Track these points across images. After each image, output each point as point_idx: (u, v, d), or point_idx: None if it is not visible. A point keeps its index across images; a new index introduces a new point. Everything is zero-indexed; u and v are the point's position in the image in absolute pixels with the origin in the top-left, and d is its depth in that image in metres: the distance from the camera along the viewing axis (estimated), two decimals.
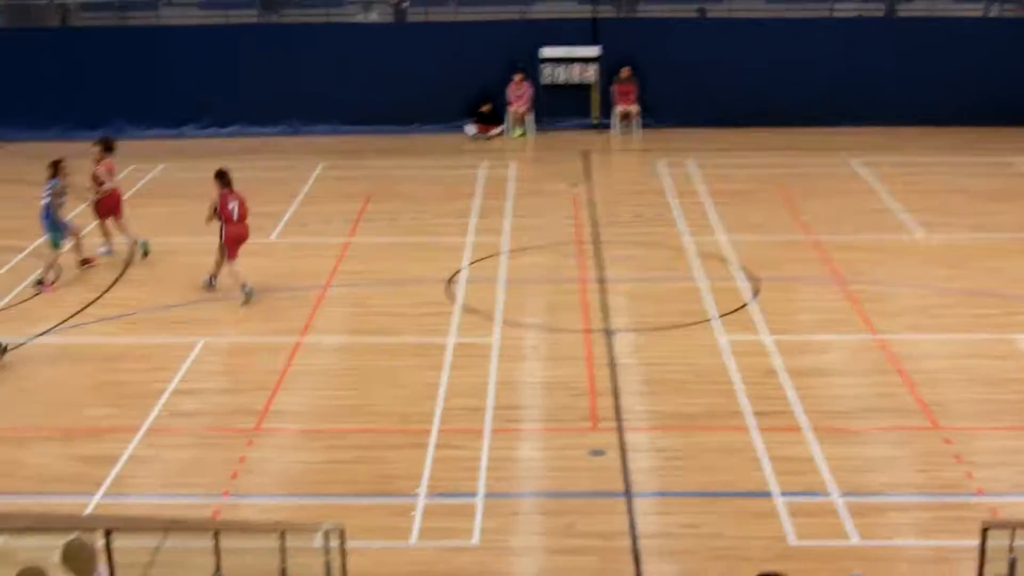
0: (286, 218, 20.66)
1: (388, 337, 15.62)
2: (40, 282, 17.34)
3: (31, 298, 17.04)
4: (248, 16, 28.36)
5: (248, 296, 16.72)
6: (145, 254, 18.70)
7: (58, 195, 17.38)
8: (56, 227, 17.39)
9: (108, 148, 18.96)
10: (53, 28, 29.37)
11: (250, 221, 17.23)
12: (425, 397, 13.77)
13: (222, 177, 17.17)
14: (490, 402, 13.58)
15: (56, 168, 17.50)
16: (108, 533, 4.94)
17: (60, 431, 13.16)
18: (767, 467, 12.09)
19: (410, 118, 26.79)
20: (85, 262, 18.18)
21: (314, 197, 22.04)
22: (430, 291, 17.11)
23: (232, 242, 16.98)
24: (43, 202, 17.35)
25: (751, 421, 13.07)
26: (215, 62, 26.85)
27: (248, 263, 18.11)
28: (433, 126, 26.84)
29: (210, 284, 17.20)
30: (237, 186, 17.25)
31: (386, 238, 19.60)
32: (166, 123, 26.77)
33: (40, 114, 26.22)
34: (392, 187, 22.59)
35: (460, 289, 17.17)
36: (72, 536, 7.03)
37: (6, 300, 16.99)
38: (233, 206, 17.01)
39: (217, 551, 8.11)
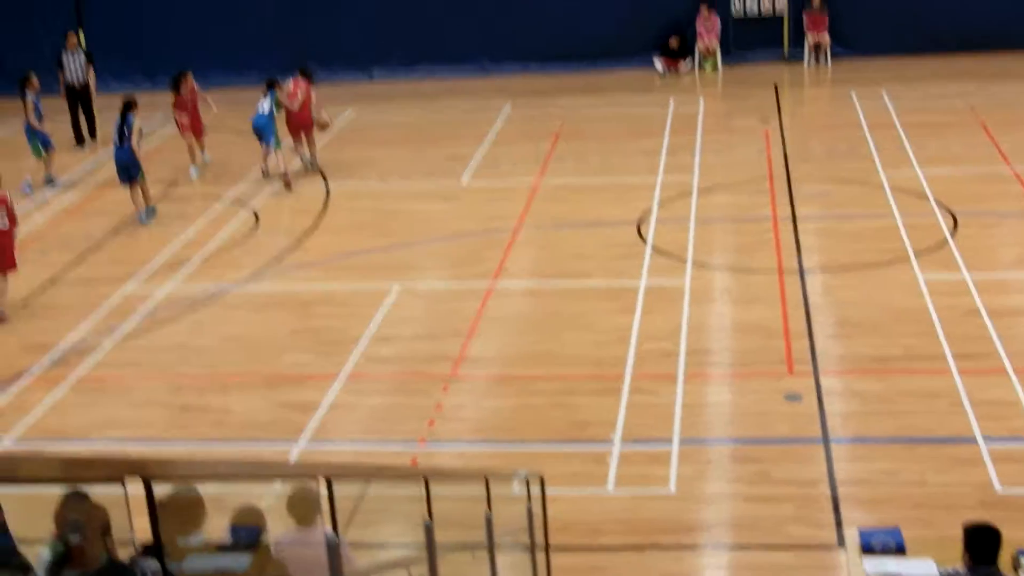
0: (476, 160, 20.78)
1: (579, 280, 15.64)
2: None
3: (232, 246, 17.53)
4: None
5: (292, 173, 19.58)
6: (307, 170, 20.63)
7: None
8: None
9: (306, 75, 20.70)
10: None
11: (440, 165, 17.46)
12: (617, 341, 13.75)
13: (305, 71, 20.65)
14: (683, 346, 13.50)
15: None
16: (329, 481, 5.06)
17: (262, 378, 13.55)
18: (969, 411, 11.76)
19: (597, 55, 26.61)
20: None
21: (503, 138, 22.12)
22: (620, 232, 17.05)
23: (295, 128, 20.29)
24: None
25: (952, 364, 12.72)
26: (402, 2, 27.03)
27: (440, 207, 18.39)
28: (621, 62, 26.60)
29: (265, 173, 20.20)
30: (429, 129, 17.38)
31: (575, 178, 19.58)
32: (355, 65, 27.12)
33: (237, 59, 26.76)
34: (580, 126, 22.53)
35: (650, 229, 17.08)
36: (296, 484, 7.22)
37: (210, 248, 17.51)
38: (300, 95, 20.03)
39: (428, 499, 8.23)
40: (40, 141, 20.77)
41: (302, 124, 20.46)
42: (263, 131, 20.08)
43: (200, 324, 15.04)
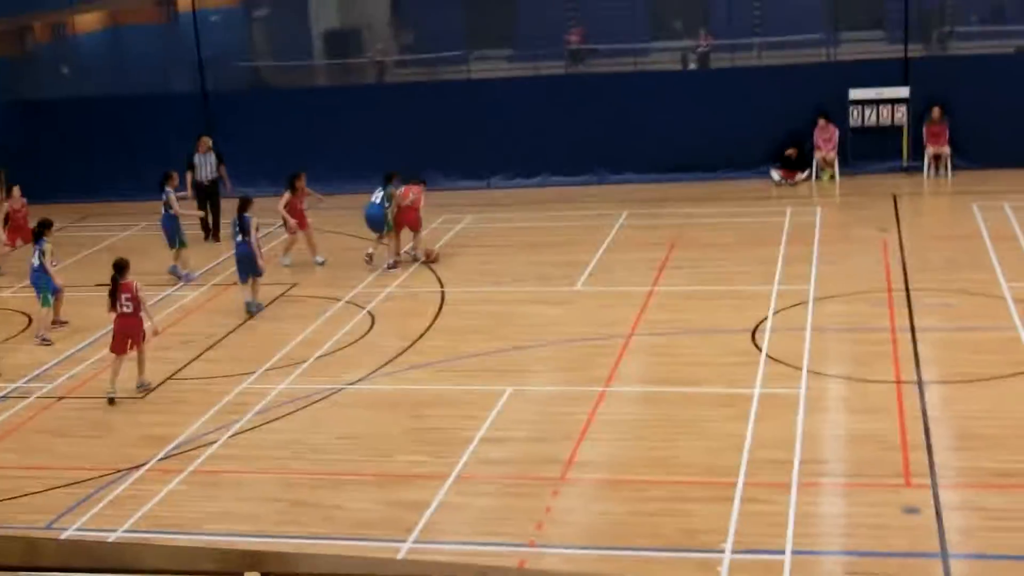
0: (591, 267, 20.84)
1: (693, 387, 15.52)
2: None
3: (348, 346, 17.74)
4: (555, 68, 28.90)
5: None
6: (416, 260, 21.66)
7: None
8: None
9: (419, 181, 22.07)
10: (370, 85, 30.73)
11: (555, 271, 17.56)
12: (730, 449, 13.59)
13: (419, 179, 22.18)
14: (797, 455, 13.28)
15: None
16: None
17: (374, 475, 13.62)
18: None
19: (714, 165, 26.65)
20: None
21: (618, 245, 22.19)
22: (735, 340, 16.93)
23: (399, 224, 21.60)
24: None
25: None
26: (523, 113, 27.42)
27: (555, 312, 18.47)
28: (737, 172, 26.61)
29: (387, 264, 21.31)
30: (545, 235, 17.50)
31: (690, 286, 19.53)
32: (475, 174, 27.47)
33: (355, 168, 27.22)
34: (696, 234, 22.53)
35: (766, 338, 16.93)
36: None
37: (327, 347, 17.73)
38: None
39: None
40: (178, 235, 21.80)
41: (408, 221, 21.64)
42: (374, 220, 21.43)
43: (314, 421, 15.21)
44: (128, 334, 16.21)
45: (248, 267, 19.40)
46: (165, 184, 22.00)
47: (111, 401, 16.05)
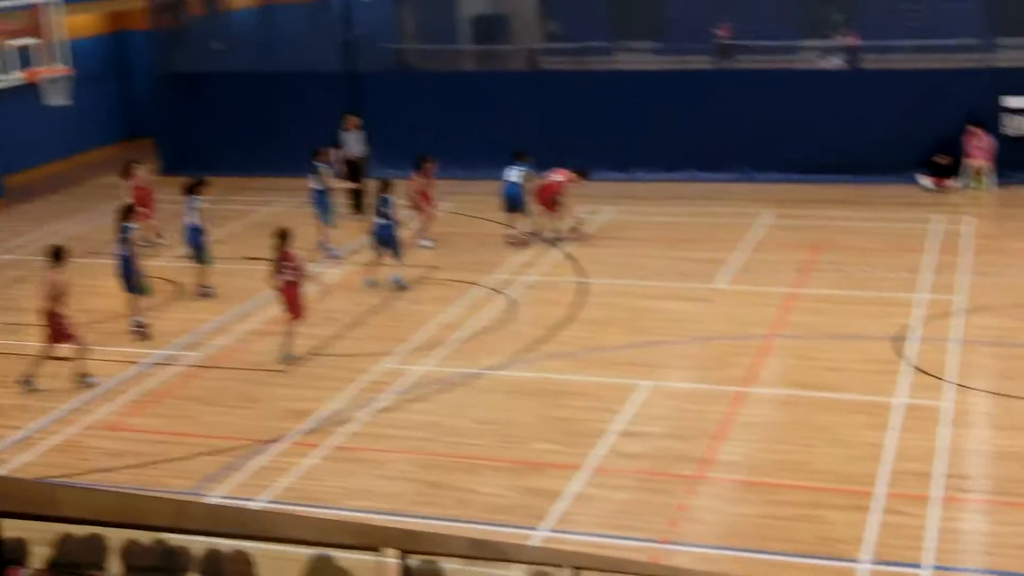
0: (733, 265, 20.67)
1: (832, 392, 15.32)
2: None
3: (487, 331, 17.85)
4: (702, 62, 28.72)
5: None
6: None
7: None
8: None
9: (579, 173, 22.68)
10: (515, 72, 30.83)
11: (696, 267, 17.53)
12: (869, 458, 13.40)
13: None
14: (939, 468, 13.05)
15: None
16: (578, 570, 5.09)
17: (509, 461, 13.71)
18: None
19: (862, 168, 26.18)
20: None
21: (761, 245, 21.96)
22: (877, 347, 16.67)
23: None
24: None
25: None
26: (667, 107, 27.21)
27: (694, 309, 18.40)
28: (884, 176, 26.13)
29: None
30: (687, 231, 17.41)
31: (833, 290, 19.26)
32: (617, 166, 27.35)
33: (497, 154, 27.19)
34: (841, 238, 22.19)
35: (909, 347, 16.64)
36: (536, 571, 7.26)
37: (466, 331, 17.87)
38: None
39: None
40: (329, 209, 22.31)
41: (543, 200, 22.43)
42: (512, 199, 22.22)
43: (452, 404, 15.35)
44: (292, 300, 16.80)
45: (390, 245, 19.72)
46: (317, 159, 22.44)
47: (286, 361, 16.68)
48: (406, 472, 13.56)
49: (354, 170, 24.90)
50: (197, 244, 19.91)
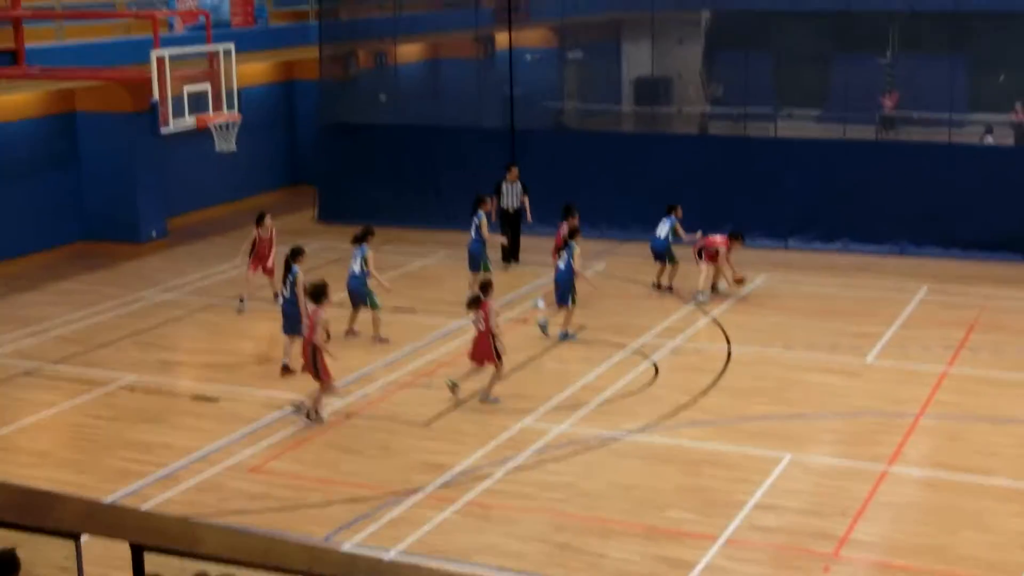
0: (884, 340, 20.25)
1: (981, 476, 14.88)
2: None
3: (629, 395, 17.79)
4: (865, 132, 28.32)
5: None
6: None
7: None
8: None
9: (736, 237, 22.86)
10: (675, 134, 30.81)
11: (847, 340, 17.26)
12: (1017, 547, 12.97)
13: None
14: None
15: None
16: None
17: (643, 528, 13.59)
18: None
19: None
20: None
21: (915, 321, 21.46)
22: None
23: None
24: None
25: None
26: (827, 176, 26.85)
27: (842, 382, 18.08)
28: None
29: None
30: (840, 303, 17.12)
31: (990, 371, 18.74)
32: (773, 233, 27.07)
33: (652, 214, 27.00)
34: (1000, 318, 21.57)
35: None
36: None
37: (608, 393, 17.83)
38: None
39: None
40: (483, 259, 22.68)
41: (711, 254, 22.70)
42: (659, 251, 23.07)
43: (589, 466, 15.30)
44: (478, 349, 17.47)
45: (564, 294, 20.28)
46: (478, 207, 22.97)
47: (452, 388, 17.48)
48: (538, 532, 13.53)
49: (508, 220, 25.25)
50: (361, 291, 20.22)
